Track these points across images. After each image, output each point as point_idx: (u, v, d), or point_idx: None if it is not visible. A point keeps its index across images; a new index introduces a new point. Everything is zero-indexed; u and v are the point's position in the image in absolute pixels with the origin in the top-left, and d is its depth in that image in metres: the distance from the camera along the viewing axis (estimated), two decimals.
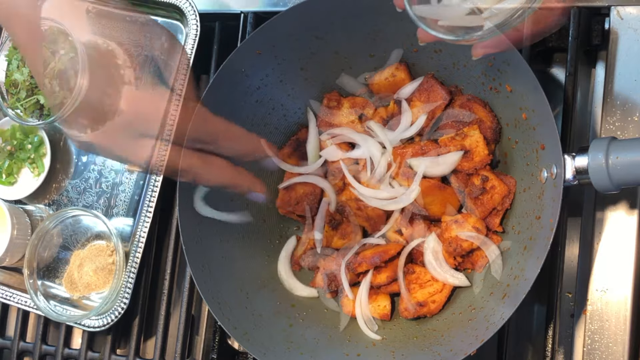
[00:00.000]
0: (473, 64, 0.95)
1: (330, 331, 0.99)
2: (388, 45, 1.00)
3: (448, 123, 0.97)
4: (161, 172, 0.90)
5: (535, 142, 0.90)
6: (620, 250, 0.91)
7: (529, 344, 0.99)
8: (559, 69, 1.05)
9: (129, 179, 1.15)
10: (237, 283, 1.00)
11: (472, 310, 0.92)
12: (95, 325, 1.09)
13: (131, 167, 1.13)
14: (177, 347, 1.08)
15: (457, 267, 0.96)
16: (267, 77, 1.03)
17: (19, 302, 1.15)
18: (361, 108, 1.03)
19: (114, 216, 1.15)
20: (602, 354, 0.89)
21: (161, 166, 0.89)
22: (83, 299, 1.12)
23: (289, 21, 0.98)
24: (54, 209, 1.19)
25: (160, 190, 1.10)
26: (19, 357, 1.19)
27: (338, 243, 1.01)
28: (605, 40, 0.98)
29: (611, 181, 0.82)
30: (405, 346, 0.94)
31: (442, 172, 0.95)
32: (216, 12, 1.15)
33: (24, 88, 1.14)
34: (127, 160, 0.94)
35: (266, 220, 1.06)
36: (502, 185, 0.94)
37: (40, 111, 1.15)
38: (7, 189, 1.20)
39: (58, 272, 1.14)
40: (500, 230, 0.95)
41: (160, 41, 0.94)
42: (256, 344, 0.95)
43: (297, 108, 1.06)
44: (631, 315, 0.89)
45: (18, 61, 1.15)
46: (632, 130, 0.93)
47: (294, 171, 1.04)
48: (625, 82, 0.95)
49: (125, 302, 1.08)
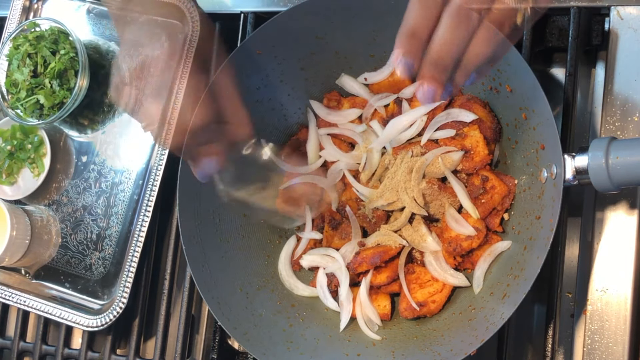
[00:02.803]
0: None
1: (330, 331, 0.99)
2: (388, 45, 0.99)
3: (448, 123, 0.97)
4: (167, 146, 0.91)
5: (535, 142, 0.90)
6: (620, 250, 0.91)
7: (529, 344, 0.99)
8: (559, 69, 1.05)
9: (128, 178, 1.15)
10: (237, 283, 1.00)
11: (472, 310, 0.92)
12: (94, 325, 1.09)
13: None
14: (177, 347, 1.08)
15: (457, 267, 0.96)
16: (267, 77, 1.03)
17: (18, 302, 1.15)
18: (361, 108, 1.04)
19: (113, 216, 1.15)
20: (602, 354, 0.89)
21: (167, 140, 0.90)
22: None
23: (288, 21, 0.98)
24: (53, 209, 1.19)
25: (160, 191, 1.10)
26: (19, 357, 1.19)
27: (338, 243, 1.01)
28: (605, 40, 0.98)
29: (611, 181, 0.82)
30: (405, 346, 0.94)
31: (442, 172, 0.95)
32: (216, 12, 1.15)
33: (24, 88, 1.14)
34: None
35: (266, 220, 1.06)
36: (502, 185, 0.94)
37: (40, 111, 1.15)
38: (7, 188, 1.20)
39: None
40: (500, 230, 0.95)
41: (160, 41, 0.94)
42: (256, 344, 0.95)
43: (297, 108, 1.06)
44: (631, 315, 0.89)
45: (18, 61, 1.15)
46: (632, 130, 0.93)
47: (294, 171, 1.04)
48: (625, 82, 0.95)
49: (123, 302, 1.08)
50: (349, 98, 1.05)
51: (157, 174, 1.11)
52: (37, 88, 1.13)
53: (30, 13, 1.27)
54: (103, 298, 1.13)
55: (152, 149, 1.14)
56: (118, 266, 1.12)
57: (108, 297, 1.12)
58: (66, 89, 1.13)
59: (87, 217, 1.16)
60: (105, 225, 1.15)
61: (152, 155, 1.13)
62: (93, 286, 1.14)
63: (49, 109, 1.13)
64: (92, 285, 1.14)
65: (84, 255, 1.15)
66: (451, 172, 0.95)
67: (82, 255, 1.15)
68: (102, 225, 1.15)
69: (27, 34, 1.16)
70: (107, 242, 1.14)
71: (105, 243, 1.14)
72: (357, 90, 1.04)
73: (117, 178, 1.16)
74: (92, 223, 1.16)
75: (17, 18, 1.26)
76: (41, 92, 1.13)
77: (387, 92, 1.02)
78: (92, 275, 1.14)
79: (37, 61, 1.14)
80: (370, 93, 1.03)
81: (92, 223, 1.16)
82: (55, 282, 1.17)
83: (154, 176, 1.11)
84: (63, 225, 1.17)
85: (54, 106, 1.13)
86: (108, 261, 1.14)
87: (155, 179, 1.10)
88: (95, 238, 1.15)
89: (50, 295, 1.16)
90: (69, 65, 1.14)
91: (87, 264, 1.15)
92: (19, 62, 1.15)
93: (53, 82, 1.13)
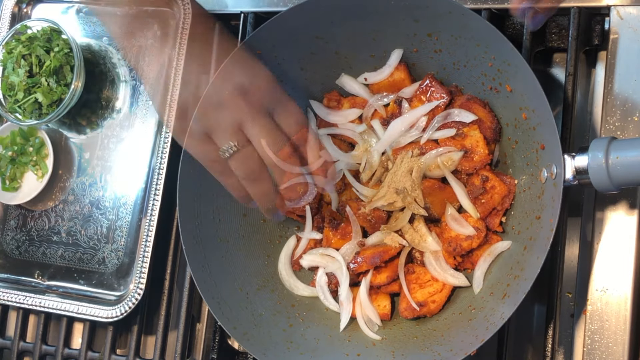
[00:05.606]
0: (473, 64, 0.95)
1: (330, 331, 0.99)
2: (388, 45, 1.00)
3: (448, 123, 0.97)
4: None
5: (535, 142, 0.90)
6: (620, 250, 0.91)
7: (529, 344, 0.99)
8: (559, 69, 1.05)
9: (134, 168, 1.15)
10: (237, 283, 1.00)
11: (472, 310, 0.92)
12: (113, 315, 1.10)
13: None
14: (177, 347, 1.08)
15: (457, 267, 0.96)
16: None
17: (18, 302, 1.15)
18: (361, 108, 1.03)
19: (121, 207, 1.15)
20: (602, 354, 0.89)
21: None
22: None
23: (288, 21, 0.98)
24: (60, 208, 1.19)
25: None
26: (19, 357, 1.19)
27: (338, 243, 1.01)
28: (605, 40, 0.98)
29: (611, 181, 0.82)
30: (405, 346, 0.94)
31: (442, 172, 0.95)
32: (216, 12, 1.15)
33: (21, 89, 1.14)
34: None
35: (266, 220, 1.06)
36: (502, 185, 0.94)
37: (39, 110, 1.15)
38: (11, 194, 1.20)
39: None
40: (500, 230, 0.95)
41: (153, 30, 0.95)
42: (256, 344, 0.95)
43: None
44: (631, 315, 0.89)
45: (13, 64, 1.15)
46: (632, 130, 0.93)
47: (294, 171, 1.04)
48: (625, 82, 0.95)
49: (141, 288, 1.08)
50: (349, 98, 1.05)
51: (164, 157, 1.11)
52: (34, 87, 1.14)
53: (19, 18, 1.27)
54: (119, 289, 1.13)
55: (155, 136, 1.14)
56: (132, 255, 1.13)
57: (124, 287, 1.13)
58: (63, 85, 1.13)
59: (96, 211, 1.17)
60: (115, 217, 1.15)
61: (155, 141, 1.13)
62: (108, 279, 1.14)
63: (47, 107, 1.14)
64: (107, 278, 1.14)
65: (95, 250, 1.16)
66: (451, 172, 0.95)
67: (93, 250, 1.16)
68: (111, 217, 1.15)
69: (19, 36, 1.16)
70: (118, 233, 1.15)
71: (117, 234, 1.15)
72: (357, 90, 1.04)
73: (122, 169, 1.16)
74: (101, 217, 1.16)
75: (7, 24, 1.26)
76: (39, 91, 1.13)
77: (387, 92, 1.02)
78: (106, 268, 1.15)
79: (31, 61, 1.14)
80: (370, 93, 1.03)
81: (101, 217, 1.16)
82: (69, 280, 1.17)
83: (160, 160, 1.11)
84: (72, 223, 1.18)
85: (53, 104, 1.13)
86: (121, 252, 1.14)
87: (162, 164, 1.11)
88: (106, 231, 1.15)
89: (66, 294, 1.16)
90: (64, 61, 1.14)
91: (100, 258, 1.15)
92: (14, 64, 1.15)
93: (50, 80, 1.13)
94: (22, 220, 1.22)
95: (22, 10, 1.27)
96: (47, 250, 1.19)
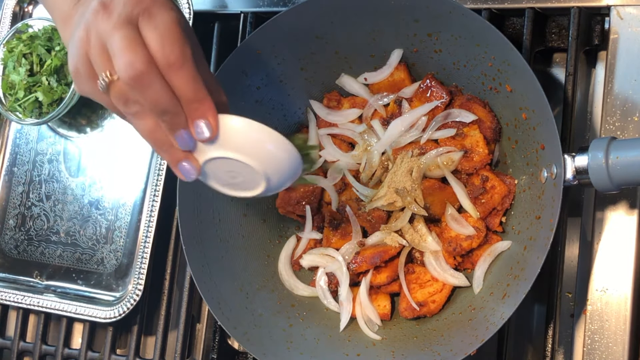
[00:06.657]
0: (473, 64, 0.95)
1: (330, 331, 0.99)
2: (388, 45, 1.00)
3: (448, 123, 0.97)
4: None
5: (535, 142, 0.90)
6: (620, 250, 0.91)
7: (529, 344, 0.99)
8: (559, 69, 1.05)
9: (133, 167, 1.15)
10: (237, 283, 1.00)
11: (472, 310, 0.92)
12: (111, 316, 1.10)
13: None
14: (177, 347, 1.08)
15: (457, 267, 0.96)
16: (267, 77, 1.03)
17: (16, 302, 1.15)
18: (361, 108, 1.03)
19: (120, 207, 1.15)
20: (602, 354, 0.89)
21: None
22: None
23: (288, 21, 0.98)
24: (59, 208, 1.19)
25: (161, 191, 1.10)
26: (19, 357, 1.19)
27: (338, 243, 1.01)
28: (605, 40, 0.98)
29: (611, 181, 0.82)
30: (405, 346, 0.94)
31: (442, 172, 0.95)
32: (216, 12, 1.15)
33: (22, 88, 1.14)
34: None
35: (266, 220, 1.06)
36: (502, 185, 0.94)
37: (39, 109, 1.15)
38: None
39: None
40: (500, 230, 0.95)
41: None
42: (256, 344, 0.95)
43: (297, 108, 1.06)
44: (631, 315, 0.89)
45: (14, 62, 1.14)
46: (632, 130, 0.93)
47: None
48: (625, 82, 0.95)
49: (139, 289, 1.08)
50: (349, 98, 1.05)
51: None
52: (35, 86, 1.14)
53: (21, 17, 1.27)
54: (118, 290, 1.13)
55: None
56: (130, 256, 1.13)
57: (123, 288, 1.13)
58: (64, 84, 1.13)
59: (95, 212, 1.17)
60: (114, 217, 1.15)
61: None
62: (107, 279, 1.15)
63: (47, 106, 1.14)
64: (105, 278, 1.15)
65: (94, 250, 1.16)
66: (451, 172, 0.95)
67: (92, 251, 1.16)
68: (110, 218, 1.16)
69: (20, 35, 1.16)
70: (117, 233, 1.15)
71: (116, 235, 1.15)
72: (357, 90, 1.04)
73: (122, 169, 1.16)
74: (101, 217, 1.16)
75: (8, 23, 1.26)
76: (39, 89, 1.13)
77: (387, 92, 1.02)
78: (104, 269, 1.15)
79: (32, 60, 1.14)
80: (370, 93, 1.03)
81: (100, 217, 1.16)
82: (68, 280, 1.17)
83: (160, 160, 1.11)
84: (71, 223, 1.18)
85: (53, 103, 1.13)
86: (120, 253, 1.14)
87: (162, 164, 1.11)
88: (105, 231, 1.16)
89: (64, 294, 1.16)
90: (65, 60, 1.14)
91: (98, 259, 1.15)
92: (14, 63, 1.15)
93: (50, 79, 1.13)
94: (20, 219, 1.22)
95: (24, 9, 1.27)
96: (46, 250, 1.19)
